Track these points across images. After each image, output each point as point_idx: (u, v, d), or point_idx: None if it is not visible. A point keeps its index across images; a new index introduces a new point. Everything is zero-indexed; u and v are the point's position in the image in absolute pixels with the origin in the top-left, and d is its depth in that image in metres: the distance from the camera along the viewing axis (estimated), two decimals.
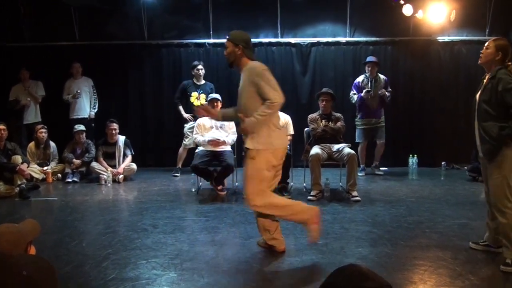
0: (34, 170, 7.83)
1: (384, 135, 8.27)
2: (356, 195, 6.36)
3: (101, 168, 7.83)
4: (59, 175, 8.18)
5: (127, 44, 9.22)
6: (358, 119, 8.28)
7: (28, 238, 2.07)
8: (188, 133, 8.17)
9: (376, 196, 6.67)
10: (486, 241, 4.26)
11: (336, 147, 6.62)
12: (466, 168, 8.19)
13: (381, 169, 8.47)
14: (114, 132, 7.95)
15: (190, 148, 8.21)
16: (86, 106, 8.67)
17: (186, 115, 8.26)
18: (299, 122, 7.61)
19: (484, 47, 4.03)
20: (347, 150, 6.55)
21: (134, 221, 5.38)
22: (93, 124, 8.77)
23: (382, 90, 8.05)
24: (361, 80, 8.21)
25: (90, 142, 8.25)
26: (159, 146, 9.39)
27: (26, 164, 7.25)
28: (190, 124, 8.12)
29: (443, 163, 8.92)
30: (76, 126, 8.16)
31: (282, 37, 9.20)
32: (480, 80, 4.12)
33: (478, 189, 6.67)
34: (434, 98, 9.15)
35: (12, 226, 2.06)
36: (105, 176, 7.68)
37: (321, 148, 6.62)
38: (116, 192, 7.24)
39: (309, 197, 6.35)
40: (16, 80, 8.62)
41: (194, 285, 3.54)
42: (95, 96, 8.77)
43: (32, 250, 2.10)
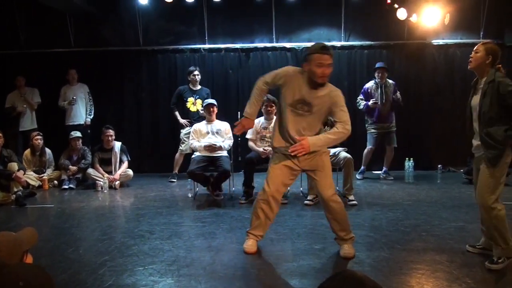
0: (30, 177, 7.81)
1: (395, 140, 8.28)
2: (353, 199, 6.38)
3: (97, 174, 7.82)
4: (55, 182, 8.16)
5: (123, 50, 9.22)
6: (369, 124, 8.28)
7: (24, 247, 2.06)
8: (185, 138, 8.17)
9: (373, 200, 6.68)
10: (481, 245, 4.28)
11: (332, 151, 6.62)
12: (462, 171, 8.23)
13: (390, 174, 8.46)
14: (110, 138, 7.94)
15: (186, 154, 8.20)
16: (82, 113, 8.66)
17: (182, 121, 8.26)
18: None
19: (473, 51, 4.02)
20: (344, 154, 6.57)
21: (131, 227, 5.37)
22: (89, 131, 8.76)
23: (396, 94, 8.13)
24: (370, 85, 8.20)
25: (86, 148, 8.23)
26: (156, 152, 9.38)
27: (22, 171, 7.23)
28: (186, 129, 8.11)
29: (439, 166, 8.94)
30: (72, 133, 8.14)
31: (277, 42, 9.22)
32: (471, 86, 4.13)
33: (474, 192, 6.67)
34: (430, 101, 9.18)
35: (8, 235, 2.05)
36: (101, 183, 7.67)
37: None
38: (112, 198, 7.23)
39: (306, 201, 6.36)
40: (12, 87, 8.61)
41: None
42: (91, 103, 8.76)
43: (29, 259, 2.10)
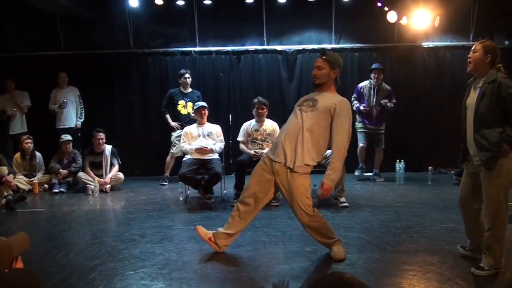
0: (21, 181, 7.76)
1: (382, 142, 8.32)
2: (344, 201, 6.39)
3: (88, 178, 7.79)
4: (46, 185, 8.10)
5: (113, 53, 9.19)
6: (358, 123, 8.31)
7: (15, 253, 2.03)
8: (176, 141, 8.16)
9: (364, 201, 6.69)
10: (468, 247, 4.29)
11: None
12: (453, 172, 8.27)
13: (380, 175, 8.50)
14: (100, 141, 7.92)
15: (177, 157, 8.19)
16: (72, 116, 8.63)
17: (173, 124, 8.25)
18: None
19: (471, 51, 3.90)
20: None
21: (122, 231, 5.34)
22: (79, 134, 8.72)
23: (385, 100, 8.10)
24: (363, 85, 8.25)
25: (76, 152, 8.20)
26: (146, 155, 9.35)
27: (12, 175, 7.17)
28: (178, 132, 8.10)
29: (430, 167, 8.99)
30: (62, 136, 8.10)
31: (268, 44, 9.23)
32: (467, 85, 4.05)
33: None
34: (420, 103, 9.24)
35: None
36: (92, 186, 7.64)
37: None
38: (103, 202, 7.19)
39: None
40: (1, 90, 8.55)
41: None
42: (82, 106, 8.72)
43: (19, 264, 2.07)
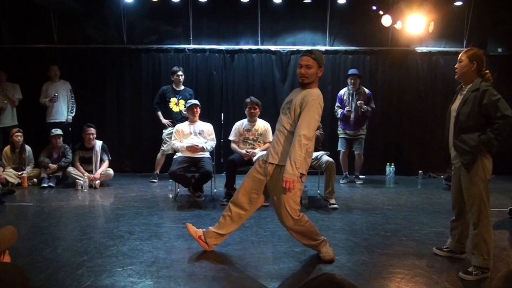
0: (10, 175, 7.71)
1: (362, 147, 8.37)
2: (334, 202, 6.40)
3: (77, 173, 7.74)
4: (35, 179, 8.05)
5: (106, 48, 9.14)
6: (339, 129, 8.40)
7: (1, 247, 2.02)
8: (167, 138, 8.14)
9: (354, 204, 6.71)
10: (448, 247, 4.38)
11: (314, 154, 6.62)
12: (442, 176, 8.33)
13: (360, 177, 8.54)
14: (91, 136, 7.87)
15: (168, 154, 8.17)
16: (63, 110, 8.57)
17: (165, 121, 8.22)
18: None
19: (458, 61, 4.03)
20: (326, 158, 6.59)
21: (110, 227, 5.31)
22: (70, 129, 8.66)
23: (360, 102, 8.11)
24: (343, 93, 8.32)
25: (67, 146, 8.14)
26: (137, 152, 9.32)
27: (1, 168, 7.13)
28: (169, 130, 8.09)
29: (420, 171, 9.02)
30: (53, 130, 8.05)
31: (262, 44, 9.22)
32: (455, 91, 4.15)
33: None
34: (412, 107, 9.28)
35: None
36: (81, 182, 7.59)
37: None
38: (92, 197, 7.15)
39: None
40: None
41: None
42: (73, 100, 8.67)
43: (7, 258, 2.06)
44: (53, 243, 4.71)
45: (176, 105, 8.23)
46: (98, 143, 7.98)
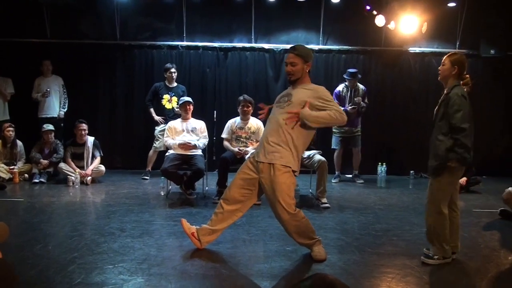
0: (1, 170, 7.70)
1: (359, 143, 8.42)
2: (326, 201, 6.42)
3: (69, 169, 7.71)
4: (26, 175, 8.01)
5: (99, 43, 9.10)
6: (335, 127, 8.37)
7: None
8: (159, 135, 8.12)
9: (345, 203, 6.73)
10: None
11: (306, 153, 6.64)
12: None
13: (360, 177, 8.56)
14: (83, 132, 7.84)
15: (160, 151, 8.16)
16: (55, 105, 8.52)
17: (157, 118, 8.21)
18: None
19: (441, 63, 4.22)
20: (318, 157, 6.60)
21: (101, 224, 5.30)
22: (62, 124, 8.62)
23: (358, 98, 8.16)
24: (341, 89, 8.31)
25: (58, 142, 8.10)
26: (129, 148, 9.29)
27: None
28: (161, 126, 8.07)
29: (411, 171, 9.07)
30: (44, 126, 8.01)
31: (256, 42, 9.21)
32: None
33: None
34: (404, 107, 9.32)
35: None
36: (73, 178, 7.56)
37: None
38: (83, 194, 7.12)
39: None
40: None
41: None
42: (65, 96, 8.62)
43: None
44: (44, 240, 4.69)
45: (169, 102, 8.21)
46: (90, 139, 7.95)
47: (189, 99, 7.23)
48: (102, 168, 7.97)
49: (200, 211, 6.03)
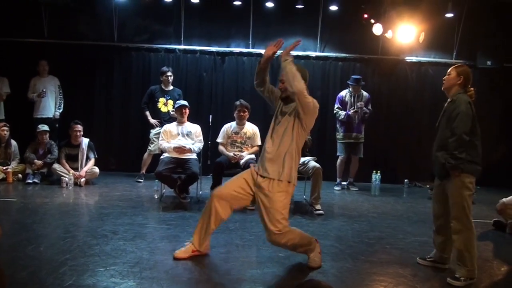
0: None
1: (361, 151, 8.43)
2: (320, 208, 6.41)
3: (63, 170, 7.68)
4: (20, 175, 7.97)
5: (97, 45, 9.09)
6: (339, 133, 8.41)
7: None
8: (154, 138, 8.10)
9: (339, 210, 6.73)
10: (432, 257, 4.42)
11: (301, 160, 6.62)
12: (428, 186, 8.38)
13: (355, 184, 8.58)
14: (78, 134, 7.81)
15: (155, 154, 8.14)
16: (51, 106, 8.49)
17: (153, 121, 8.19)
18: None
19: (447, 74, 4.18)
20: (313, 164, 6.60)
21: (94, 226, 5.27)
22: (57, 125, 8.59)
23: (361, 103, 8.21)
24: (344, 94, 8.36)
25: (53, 143, 8.07)
26: (124, 151, 9.27)
27: None
28: (157, 129, 8.06)
29: (405, 180, 9.08)
30: (39, 126, 7.98)
31: (253, 47, 9.23)
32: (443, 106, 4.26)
33: None
34: (399, 116, 9.35)
35: None
36: (66, 179, 7.53)
37: None
38: (77, 195, 7.09)
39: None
40: None
41: None
42: (61, 96, 8.59)
43: None
44: (36, 240, 4.65)
45: (165, 105, 8.20)
46: (85, 141, 7.93)
47: (185, 102, 7.22)
48: (96, 170, 7.94)
49: (193, 215, 6.00)
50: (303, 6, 8.78)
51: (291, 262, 4.32)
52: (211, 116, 8.96)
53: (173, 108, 7.86)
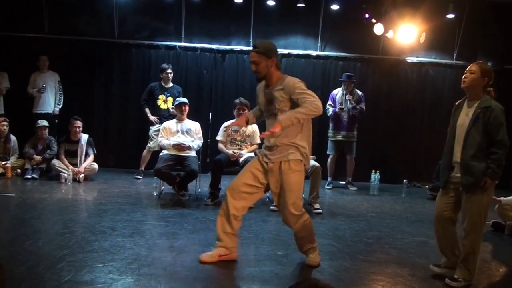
0: None
1: (354, 151, 8.42)
2: (318, 207, 6.41)
3: (62, 166, 7.67)
4: (19, 170, 7.96)
5: (97, 41, 9.06)
6: (329, 131, 8.43)
7: None
8: (153, 135, 8.09)
9: (338, 209, 6.72)
10: (444, 265, 4.24)
11: None
12: (427, 186, 8.36)
13: (353, 184, 8.57)
14: (77, 129, 7.80)
15: (154, 151, 8.13)
16: (50, 101, 8.48)
17: (152, 118, 8.18)
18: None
19: (468, 71, 3.95)
20: (312, 162, 6.58)
21: (93, 222, 5.26)
22: (56, 120, 8.57)
23: (349, 96, 8.23)
24: (336, 92, 8.38)
25: (52, 138, 8.05)
26: (123, 147, 9.25)
27: None
28: (156, 126, 8.05)
29: (404, 180, 9.07)
30: (39, 121, 7.96)
31: None
32: (456, 105, 4.09)
33: None
34: (399, 116, 9.33)
35: None
36: (65, 175, 7.52)
37: None
38: (76, 191, 7.09)
39: (271, 207, 6.35)
40: None
41: None
42: (61, 92, 8.58)
43: None
44: (34, 236, 4.65)
45: (164, 102, 8.19)
46: (84, 137, 7.91)
47: (185, 100, 7.21)
48: (95, 166, 7.93)
49: (192, 212, 6.01)
50: (304, 5, 8.75)
51: (289, 261, 4.32)
52: (210, 113, 8.94)
53: (172, 105, 7.85)
